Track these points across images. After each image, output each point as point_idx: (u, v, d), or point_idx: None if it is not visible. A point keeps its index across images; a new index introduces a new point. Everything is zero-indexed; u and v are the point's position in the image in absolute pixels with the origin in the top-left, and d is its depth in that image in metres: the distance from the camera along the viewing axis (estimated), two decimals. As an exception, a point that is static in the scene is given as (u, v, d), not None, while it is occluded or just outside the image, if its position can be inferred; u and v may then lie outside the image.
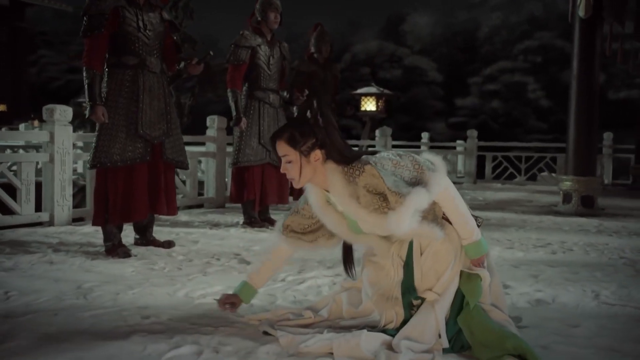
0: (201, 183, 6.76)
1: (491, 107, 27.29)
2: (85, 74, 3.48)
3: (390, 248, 2.01)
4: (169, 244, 3.81)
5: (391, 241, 2.01)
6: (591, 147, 6.43)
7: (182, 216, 5.39)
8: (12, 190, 4.80)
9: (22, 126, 15.01)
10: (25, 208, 4.73)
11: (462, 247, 1.97)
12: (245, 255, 3.60)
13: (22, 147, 10.16)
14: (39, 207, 4.85)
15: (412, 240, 1.97)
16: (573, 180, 6.26)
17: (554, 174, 11.46)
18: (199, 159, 6.74)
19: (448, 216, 1.96)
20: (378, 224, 1.92)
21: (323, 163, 1.99)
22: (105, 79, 3.57)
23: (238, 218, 5.26)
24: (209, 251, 3.74)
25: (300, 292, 2.71)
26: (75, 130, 5.06)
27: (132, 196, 3.53)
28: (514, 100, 27.16)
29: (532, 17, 29.70)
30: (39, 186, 4.85)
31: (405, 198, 1.83)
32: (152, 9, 3.69)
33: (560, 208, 6.35)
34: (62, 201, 4.85)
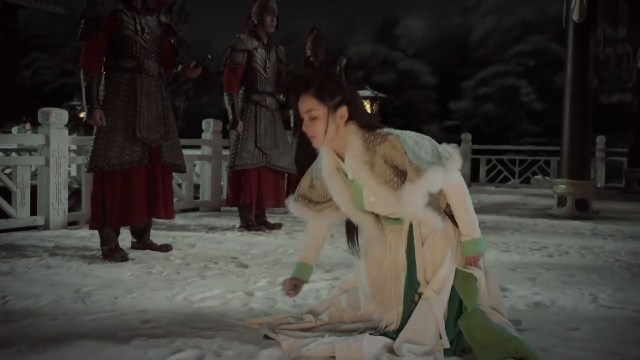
0: (196, 186, 6.75)
1: (484, 110, 27.47)
2: (82, 77, 3.47)
3: (384, 238, 2.02)
4: (166, 248, 3.80)
5: (386, 230, 2.02)
6: (585, 151, 6.48)
7: (178, 220, 5.38)
8: (7, 194, 4.77)
9: (14, 129, 14.94)
10: (20, 212, 4.70)
11: (459, 243, 1.97)
12: (243, 259, 3.60)
13: (15, 150, 10.11)
14: (34, 211, 4.83)
15: (411, 231, 1.97)
16: (567, 183, 6.30)
17: (547, 177, 11.52)
18: (194, 162, 6.73)
19: (454, 209, 1.96)
20: (384, 197, 1.91)
21: (345, 124, 1.96)
22: (103, 82, 3.56)
23: (234, 221, 5.26)
24: (207, 255, 3.74)
25: (299, 296, 2.69)
26: (68, 134, 5.04)
27: (130, 200, 3.52)
28: (507, 104, 27.35)
29: (525, 21, 29.95)
30: (33, 189, 4.83)
31: (424, 173, 1.82)
32: (150, 12, 3.68)
33: (554, 211, 6.38)
34: (58, 205, 4.83)
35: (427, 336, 1.88)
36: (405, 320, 1.96)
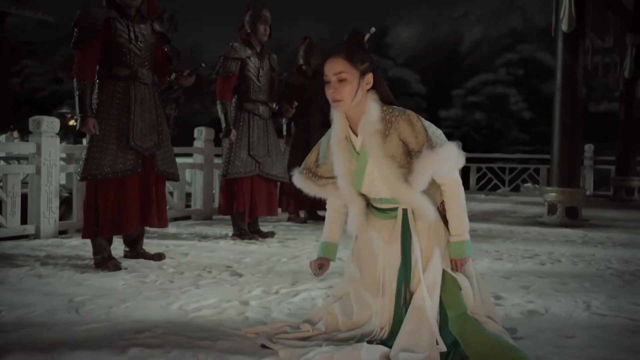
0: (188, 194, 6.72)
1: (474, 118, 27.63)
2: (76, 85, 3.45)
3: (375, 234, 2.04)
4: (159, 257, 3.78)
5: (377, 226, 2.04)
6: (575, 159, 6.54)
7: (170, 228, 5.35)
8: (-3, 203, 4.73)
9: (2, 137, 14.81)
10: (10, 220, 4.65)
11: (447, 244, 1.99)
12: (237, 268, 3.59)
13: (4, 158, 10.03)
14: (24, 220, 4.79)
15: (405, 227, 1.99)
16: (558, 191, 6.35)
17: (537, 185, 11.60)
18: (185, 170, 6.70)
19: (449, 206, 1.99)
20: (387, 173, 1.93)
21: (366, 92, 1.99)
22: (96, 90, 3.55)
23: (226, 230, 5.24)
24: (200, 263, 3.72)
25: (295, 305, 2.71)
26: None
27: (123, 208, 3.50)
28: (496, 112, 27.55)
29: (513, 31, 30.23)
30: (24, 198, 4.79)
31: (441, 147, 1.89)
32: (144, 20, 3.69)
33: (545, 219, 6.42)
34: (49, 213, 4.79)
35: (423, 344, 1.88)
36: (397, 320, 1.97)
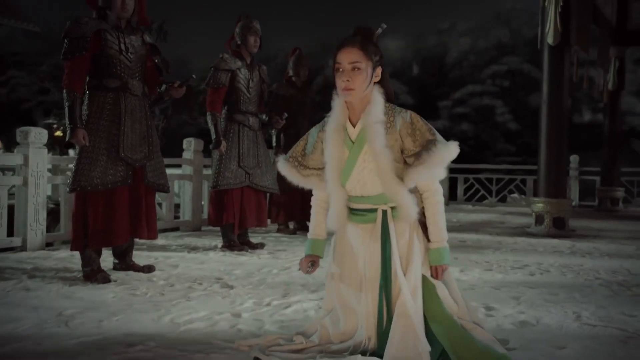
0: (176, 205, 6.68)
1: (461, 129, 27.84)
2: (65, 97, 3.44)
3: (355, 238, 2.06)
4: (149, 269, 3.75)
5: (358, 230, 2.06)
6: (561, 170, 6.61)
7: (159, 240, 5.30)
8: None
9: (-13, 148, 14.63)
10: (-3, 232, 4.59)
11: (427, 251, 2.03)
12: (228, 279, 3.57)
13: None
14: (10, 232, 4.73)
15: (384, 229, 2.01)
16: (545, 202, 6.40)
17: (523, 196, 11.70)
18: (174, 181, 6.68)
19: (430, 212, 2.04)
20: (382, 164, 1.97)
21: (373, 86, 2.05)
22: (86, 101, 3.53)
23: (216, 241, 5.21)
24: (190, 275, 3.69)
25: (287, 317, 2.70)
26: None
27: (113, 220, 3.48)
28: (483, 123, 27.79)
29: (500, 43, 30.59)
30: (10, 209, 4.73)
31: (444, 144, 1.98)
32: (134, 31, 3.68)
33: (533, 229, 6.47)
34: (36, 225, 4.74)
35: (411, 353, 1.88)
36: (380, 323, 1.99)
